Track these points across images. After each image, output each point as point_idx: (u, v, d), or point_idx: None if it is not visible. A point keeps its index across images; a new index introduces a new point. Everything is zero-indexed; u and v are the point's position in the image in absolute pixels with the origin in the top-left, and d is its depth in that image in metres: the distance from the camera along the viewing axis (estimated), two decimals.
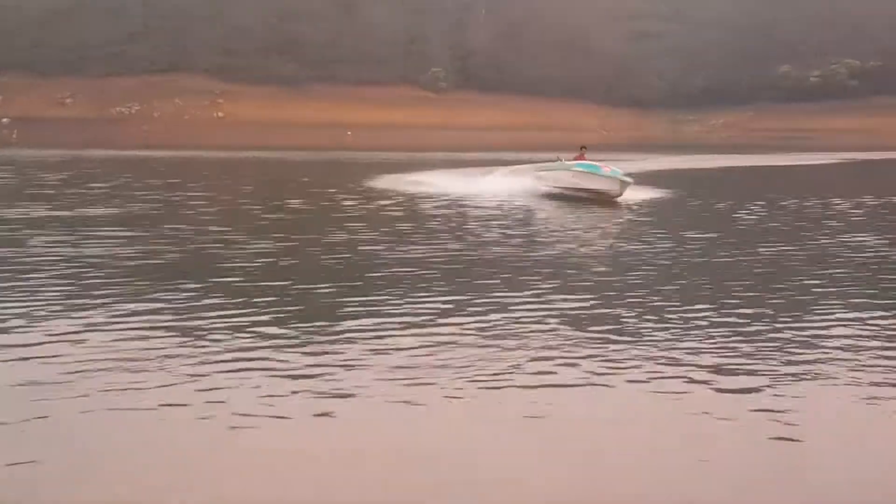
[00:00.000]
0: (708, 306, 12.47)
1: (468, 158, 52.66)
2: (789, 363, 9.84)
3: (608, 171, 28.52)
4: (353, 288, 13.34)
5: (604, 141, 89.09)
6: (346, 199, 27.73)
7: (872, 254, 18.23)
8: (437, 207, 25.73)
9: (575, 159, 30.31)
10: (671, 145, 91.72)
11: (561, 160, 30.63)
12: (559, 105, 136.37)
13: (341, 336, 10.50)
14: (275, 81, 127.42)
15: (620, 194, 28.17)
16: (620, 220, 23.97)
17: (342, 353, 9.84)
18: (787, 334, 11.01)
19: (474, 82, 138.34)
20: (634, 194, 29.29)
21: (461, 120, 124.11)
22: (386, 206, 26.17)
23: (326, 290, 13.15)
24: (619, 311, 12.13)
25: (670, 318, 11.70)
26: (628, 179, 28.41)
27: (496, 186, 31.45)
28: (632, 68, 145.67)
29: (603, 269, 15.81)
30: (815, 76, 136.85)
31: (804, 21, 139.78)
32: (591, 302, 12.70)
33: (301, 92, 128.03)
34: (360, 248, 17.51)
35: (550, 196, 29.59)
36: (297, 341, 10.24)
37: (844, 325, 11.55)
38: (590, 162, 29.74)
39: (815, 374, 9.50)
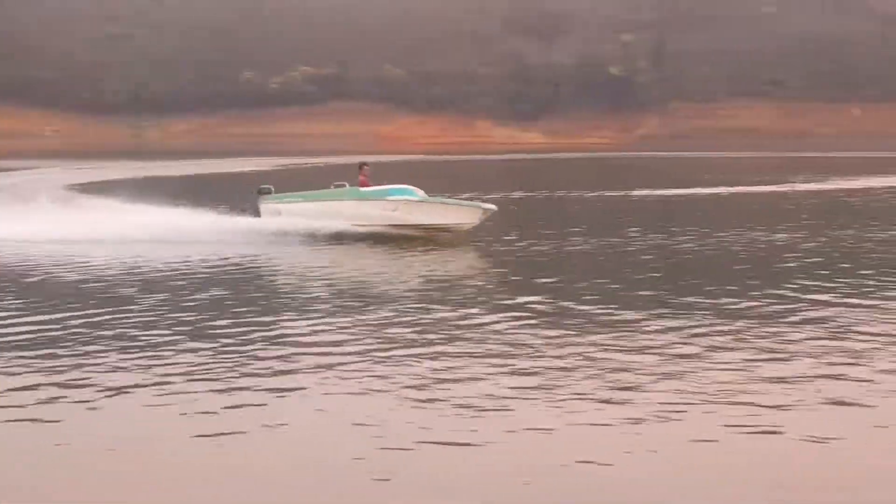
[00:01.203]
0: None
1: None
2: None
3: (421, 194, 22.83)
4: None
5: (61, 148, 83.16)
6: None
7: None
8: None
9: (361, 184, 23.14)
10: (134, 151, 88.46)
11: (346, 185, 23.34)
12: (6, 110, 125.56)
13: None
14: None
15: (473, 227, 22.51)
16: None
17: None
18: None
19: None
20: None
21: None
22: None
23: None
24: None
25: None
26: (490, 206, 22.95)
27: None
28: (91, 72, 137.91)
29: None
30: (275, 83, 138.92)
31: (264, 28, 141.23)
32: None
33: None
34: None
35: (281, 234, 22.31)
36: None
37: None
38: (396, 186, 23.45)
39: None
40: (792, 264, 19.58)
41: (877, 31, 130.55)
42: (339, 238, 22.32)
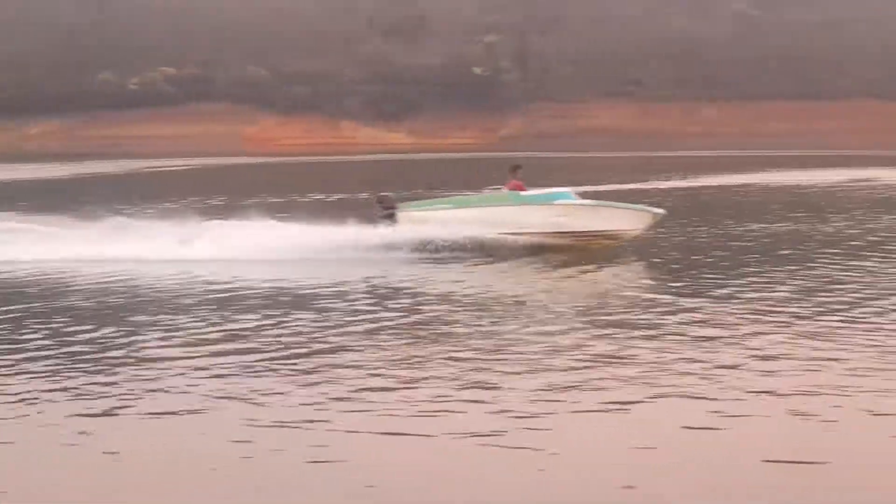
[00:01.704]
0: None
1: None
2: None
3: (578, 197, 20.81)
4: None
5: None
6: None
7: None
8: None
9: (512, 186, 20.88)
10: None
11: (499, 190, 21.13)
12: None
13: None
14: None
15: (638, 234, 20.72)
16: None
17: None
18: None
19: None
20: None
21: None
22: None
23: None
24: None
25: None
26: (659, 211, 21.23)
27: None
28: None
29: None
30: (134, 83, 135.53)
31: (121, 27, 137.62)
32: None
33: None
34: None
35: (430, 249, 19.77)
36: None
37: None
38: (555, 190, 21.37)
39: None
40: (650, 259, 19.85)
41: (732, 32, 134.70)
42: (493, 249, 20.06)
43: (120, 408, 9.80)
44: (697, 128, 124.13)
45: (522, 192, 20.97)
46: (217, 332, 13.30)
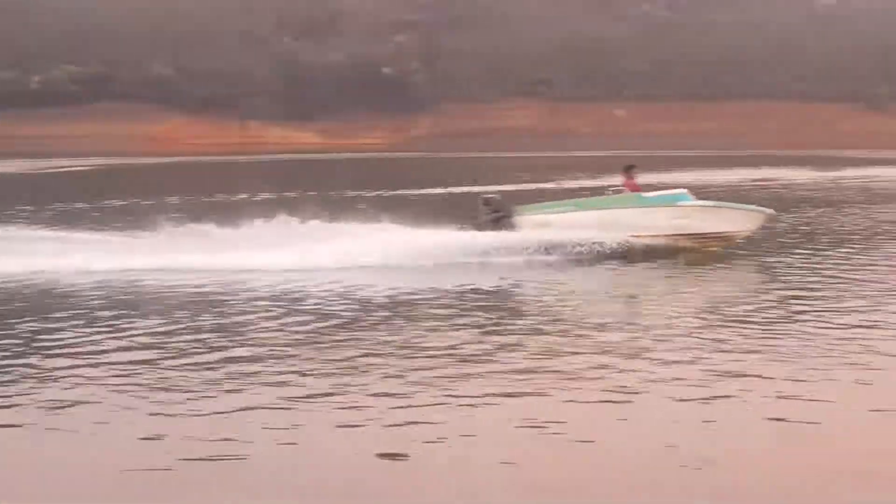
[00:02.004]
0: None
1: None
2: None
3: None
4: None
5: None
6: None
7: None
8: None
9: (625, 187, 20.77)
10: None
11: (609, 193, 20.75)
12: None
13: None
14: None
15: (750, 234, 20.46)
16: None
17: None
18: None
19: None
20: None
21: None
22: None
23: None
24: None
25: None
26: (769, 211, 21.11)
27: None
28: None
29: None
30: (36, 82, 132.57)
31: (22, 24, 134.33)
32: None
33: None
34: None
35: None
36: None
37: None
38: (676, 191, 21.36)
39: None
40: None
41: (640, 34, 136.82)
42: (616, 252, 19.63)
43: (29, 420, 9.55)
44: (606, 127, 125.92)
45: (644, 194, 20.93)
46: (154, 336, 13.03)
